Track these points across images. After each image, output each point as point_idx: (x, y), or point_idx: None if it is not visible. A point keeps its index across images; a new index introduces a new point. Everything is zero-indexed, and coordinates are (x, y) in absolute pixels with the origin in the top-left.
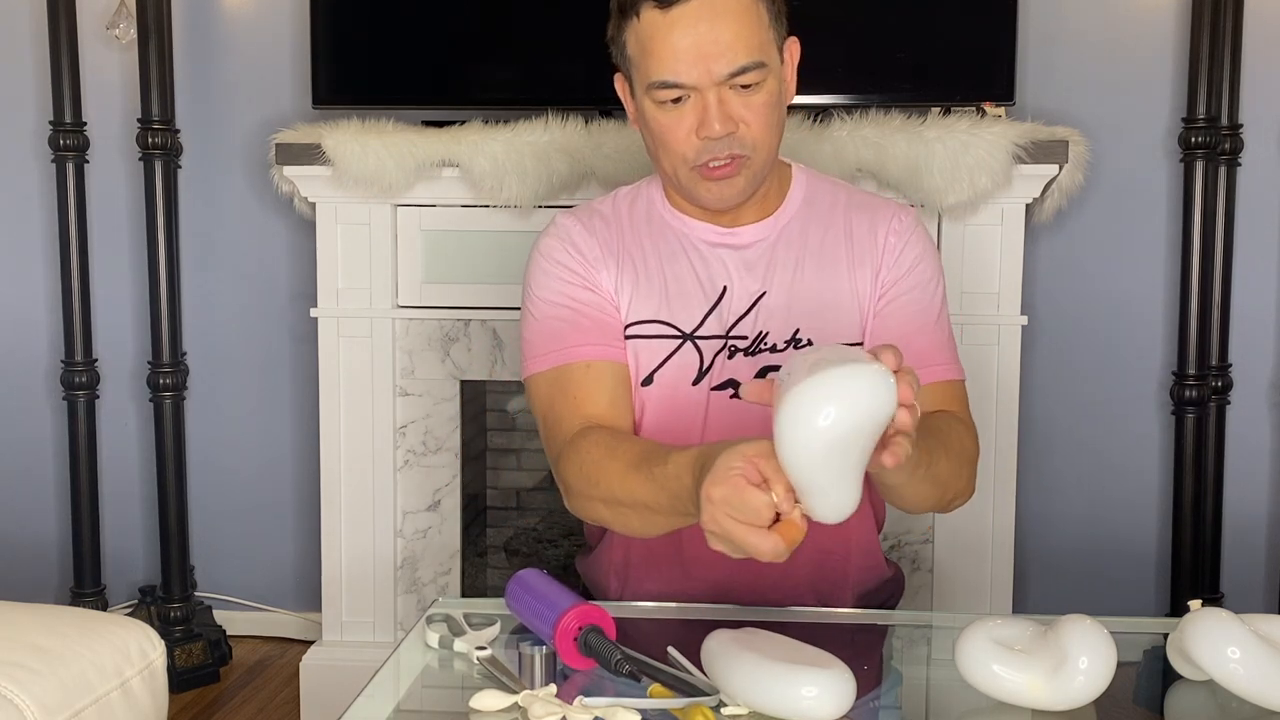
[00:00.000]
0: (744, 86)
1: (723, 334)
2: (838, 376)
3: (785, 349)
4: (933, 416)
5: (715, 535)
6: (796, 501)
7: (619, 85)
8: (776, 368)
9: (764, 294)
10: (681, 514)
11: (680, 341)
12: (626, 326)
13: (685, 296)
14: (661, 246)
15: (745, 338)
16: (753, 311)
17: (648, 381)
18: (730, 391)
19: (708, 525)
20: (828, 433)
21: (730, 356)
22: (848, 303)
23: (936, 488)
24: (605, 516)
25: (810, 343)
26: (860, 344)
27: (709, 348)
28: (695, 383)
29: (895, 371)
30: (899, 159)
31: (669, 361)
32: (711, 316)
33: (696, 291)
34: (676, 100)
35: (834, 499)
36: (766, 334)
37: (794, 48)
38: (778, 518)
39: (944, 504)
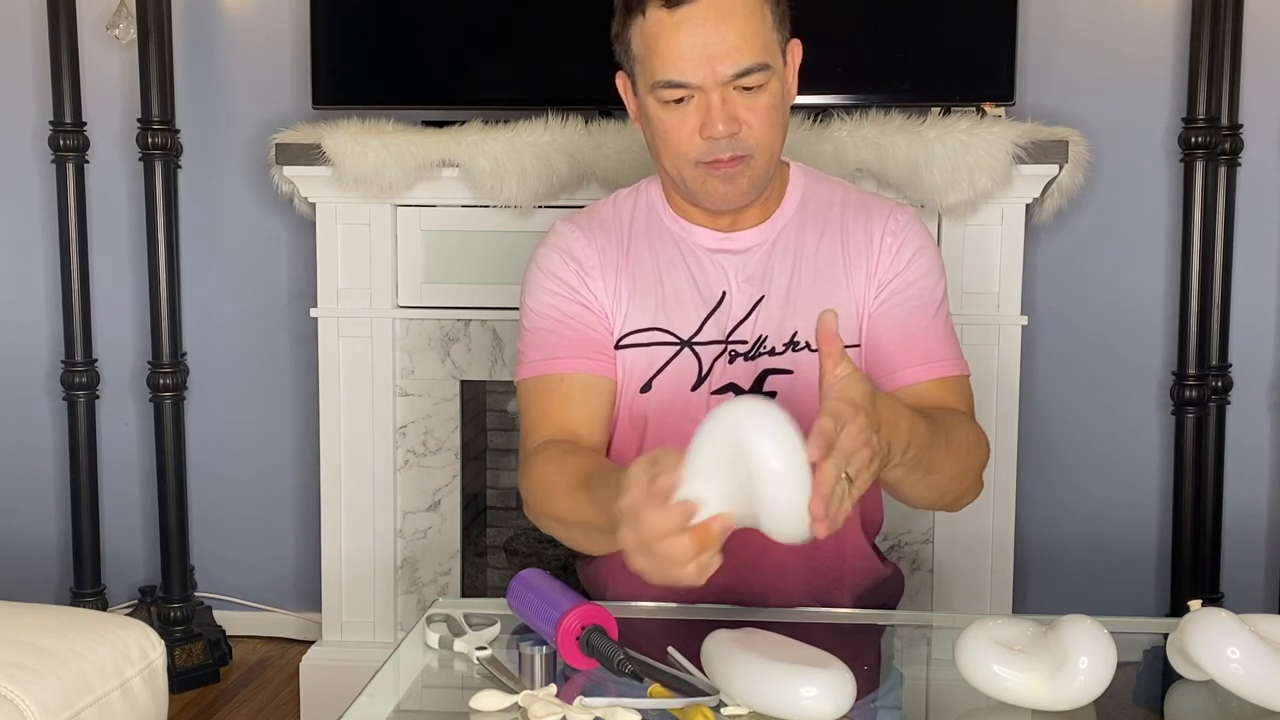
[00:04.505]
0: (747, 88)
1: (722, 339)
2: (757, 399)
3: (784, 352)
4: (943, 414)
5: (631, 550)
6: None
7: (620, 83)
8: (777, 371)
9: (762, 298)
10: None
11: (678, 348)
12: (624, 335)
13: (682, 303)
14: (660, 253)
15: (745, 342)
16: (751, 316)
17: (646, 388)
18: (730, 395)
19: (623, 542)
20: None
21: (730, 361)
22: (844, 304)
23: (937, 489)
24: (556, 531)
25: (808, 345)
26: (858, 345)
27: (707, 353)
28: (694, 388)
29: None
30: (899, 159)
31: (667, 368)
32: (709, 322)
33: (694, 298)
34: (680, 100)
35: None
36: (765, 338)
37: (796, 50)
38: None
39: (949, 503)
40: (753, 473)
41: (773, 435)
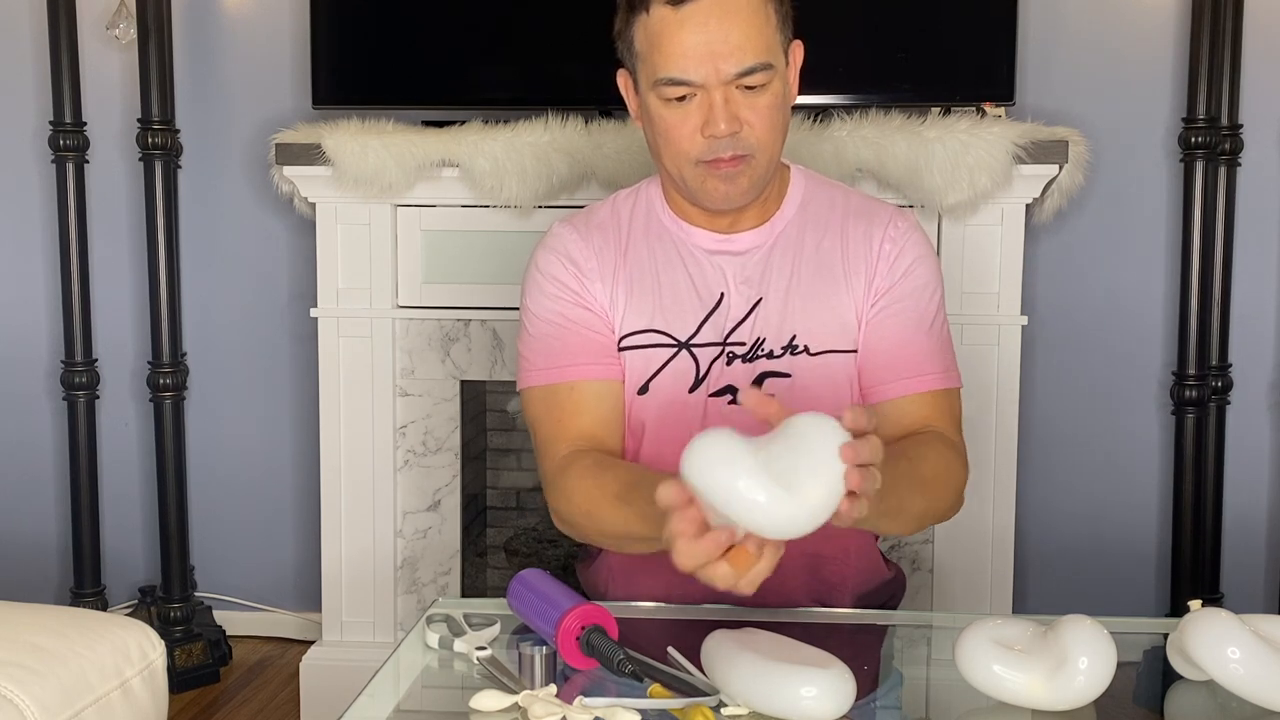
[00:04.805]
0: (749, 88)
1: (720, 341)
2: (703, 439)
3: (782, 355)
4: (916, 444)
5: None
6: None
7: (621, 80)
8: (775, 374)
9: (761, 300)
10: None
11: (675, 350)
12: (622, 337)
13: (680, 305)
14: (658, 254)
15: (743, 344)
16: (750, 318)
17: (644, 390)
18: (729, 398)
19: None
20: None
21: (728, 363)
22: (843, 309)
23: (910, 526)
24: (601, 543)
25: (806, 349)
26: (855, 351)
27: (705, 355)
28: (692, 390)
29: (857, 432)
30: (899, 159)
31: (664, 370)
32: (707, 324)
33: (692, 299)
34: (682, 98)
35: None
36: (764, 340)
37: (798, 51)
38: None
39: (917, 530)
40: (738, 516)
41: (735, 468)
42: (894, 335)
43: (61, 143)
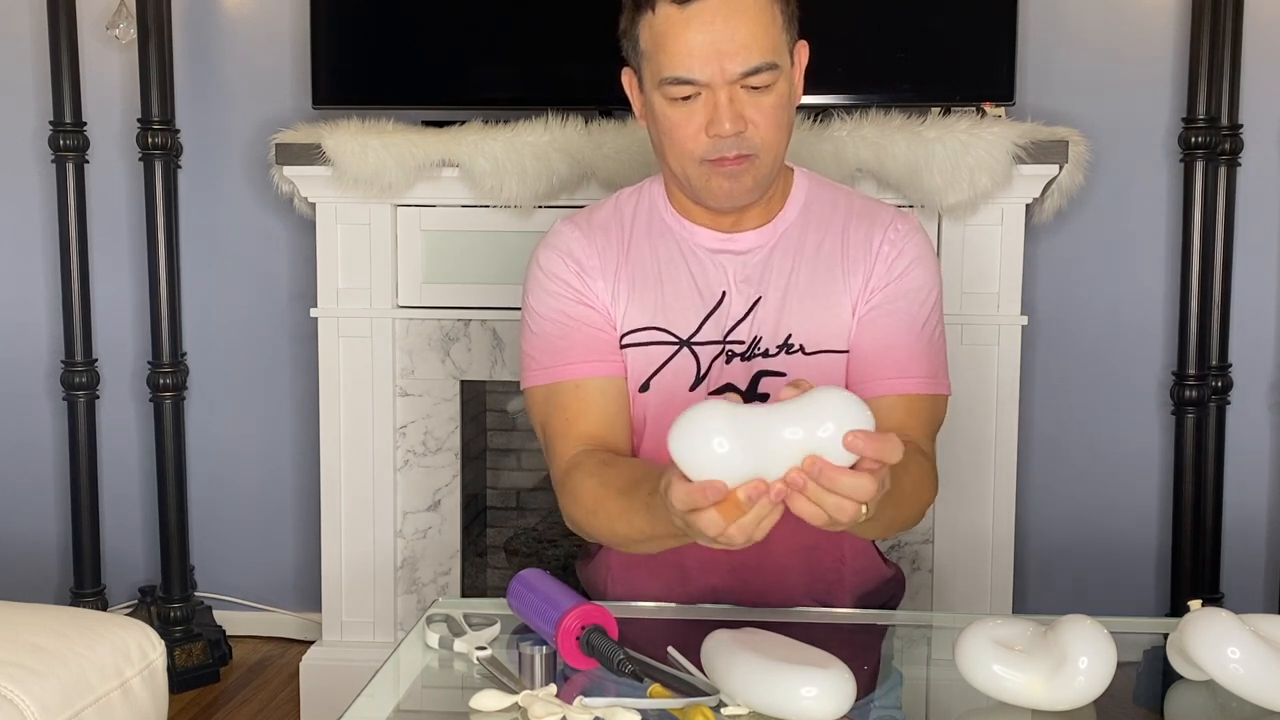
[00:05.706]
0: (755, 88)
1: (720, 339)
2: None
3: (778, 354)
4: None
5: (698, 537)
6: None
7: (626, 79)
8: (770, 373)
9: (760, 299)
10: (678, 535)
11: (677, 348)
12: (624, 335)
13: (682, 302)
14: (660, 252)
15: (742, 342)
16: (749, 317)
17: (644, 388)
18: (729, 395)
19: (699, 539)
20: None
21: (727, 361)
22: (841, 309)
23: (871, 529)
24: (612, 543)
25: (802, 348)
26: (847, 351)
27: (706, 353)
28: (692, 388)
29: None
30: (899, 159)
31: (665, 367)
32: (709, 322)
33: (694, 297)
34: (687, 97)
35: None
36: (760, 339)
37: (803, 52)
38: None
39: (875, 538)
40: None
41: (715, 442)
42: (884, 334)
43: (61, 143)
